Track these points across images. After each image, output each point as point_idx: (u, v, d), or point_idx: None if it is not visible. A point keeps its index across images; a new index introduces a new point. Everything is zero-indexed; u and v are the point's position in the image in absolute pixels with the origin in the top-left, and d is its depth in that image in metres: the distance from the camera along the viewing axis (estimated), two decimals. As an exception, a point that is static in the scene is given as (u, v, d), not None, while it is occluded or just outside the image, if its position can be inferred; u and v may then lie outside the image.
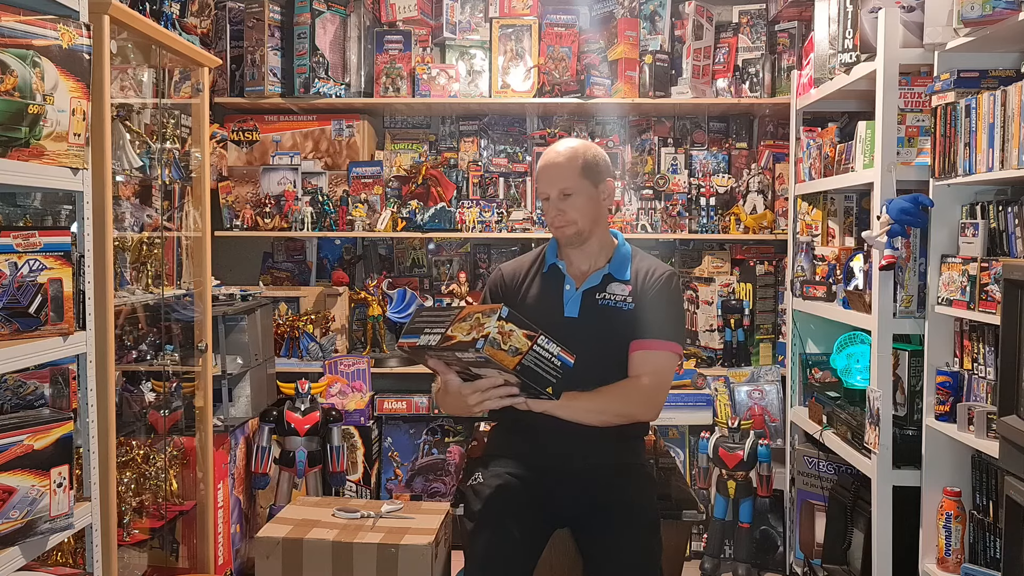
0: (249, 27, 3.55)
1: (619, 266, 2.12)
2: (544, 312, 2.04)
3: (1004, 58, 2.20)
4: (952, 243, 2.28)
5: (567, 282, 2.11)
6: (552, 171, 2.08)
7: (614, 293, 2.08)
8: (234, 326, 3.05)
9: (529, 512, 1.96)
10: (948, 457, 2.32)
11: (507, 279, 2.20)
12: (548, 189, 2.08)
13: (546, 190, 2.08)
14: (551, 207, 2.08)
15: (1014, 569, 1.81)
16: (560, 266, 2.14)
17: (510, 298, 2.14)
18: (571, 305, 2.08)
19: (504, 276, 2.22)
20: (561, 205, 2.06)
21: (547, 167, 2.10)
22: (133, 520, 2.51)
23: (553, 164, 2.09)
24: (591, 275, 2.11)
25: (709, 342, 3.66)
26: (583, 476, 2.01)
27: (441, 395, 2.00)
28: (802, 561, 3.05)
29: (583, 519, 1.98)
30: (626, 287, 2.08)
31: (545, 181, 2.09)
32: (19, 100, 1.68)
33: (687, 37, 3.58)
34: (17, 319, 1.72)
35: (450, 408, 1.99)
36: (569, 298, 2.09)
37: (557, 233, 2.10)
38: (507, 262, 2.28)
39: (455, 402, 1.90)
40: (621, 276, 2.10)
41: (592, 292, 2.09)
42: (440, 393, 2.02)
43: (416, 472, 3.62)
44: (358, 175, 3.69)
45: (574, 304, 2.08)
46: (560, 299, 2.09)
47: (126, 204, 2.54)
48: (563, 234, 2.09)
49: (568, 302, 2.08)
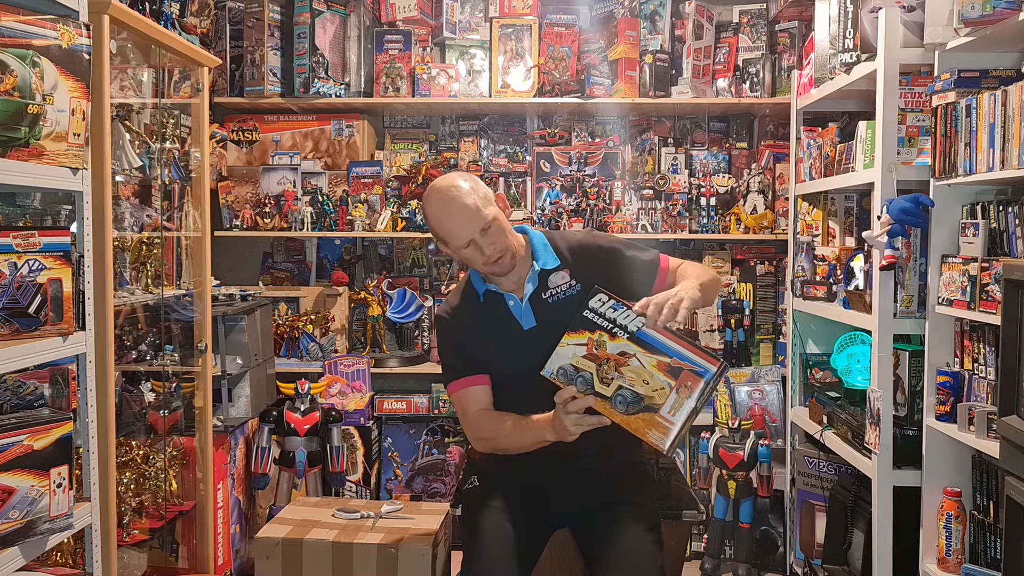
0: (249, 27, 3.55)
1: (544, 256, 2.02)
2: (504, 335, 1.99)
3: (1004, 58, 2.20)
4: (952, 243, 2.28)
5: (508, 299, 2.02)
6: (462, 214, 1.90)
7: (557, 285, 2.00)
8: (234, 326, 3.05)
9: (529, 512, 1.96)
10: (948, 457, 2.32)
11: (460, 322, 2.07)
12: (466, 234, 1.91)
13: (464, 235, 1.91)
14: (479, 248, 1.92)
15: (1015, 569, 1.81)
16: (494, 289, 2.03)
17: (470, 339, 2.03)
18: (526, 318, 2.00)
19: (455, 321, 2.08)
20: (485, 240, 1.91)
21: (451, 220, 1.92)
22: (133, 520, 2.51)
23: (459, 207, 1.91)
24: (526, 281, 2.01)
25: (709, 342, 3.66)
26: (583, 476, 2.01)
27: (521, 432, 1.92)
28: (802, 561, 3.05)
29: (583, 519, 1.98)
30: (563, 272, 2.01)
31: (459, 226, 1.91)
32: (19, 100, 1.68)
33: (687, 37, 3.58)
34: (17, 319, 1.72)
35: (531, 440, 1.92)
36: (520, 312, 2.00)
37: (496, 268, 1.96)
38: (442, 311, 2.13)
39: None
40: (551, 264, 2.02)
41: (537, 296, 2.00)
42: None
43: (416, 472, 3.61)
44: (358, 175, 3.69)
45: (528, 316, 2.00)
46: (512, 318, 2.01)
47: (126, 204, 2.54)
48: (502, 265, 1.95)
49: (521, 316, 2.00)
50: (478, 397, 2.00)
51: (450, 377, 2.05)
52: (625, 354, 1.69)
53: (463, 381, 2.02)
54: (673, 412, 1.64)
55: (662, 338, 1.69)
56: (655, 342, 1.69)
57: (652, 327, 1.70)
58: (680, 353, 1.66)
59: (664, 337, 1.69)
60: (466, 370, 2.02)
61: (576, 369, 1.73)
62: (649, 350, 1.68)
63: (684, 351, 1.67)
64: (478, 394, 2.01)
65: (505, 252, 1.94)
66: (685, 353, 1.66)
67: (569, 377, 1.73)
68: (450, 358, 2.08)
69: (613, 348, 1.70)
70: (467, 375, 2.01)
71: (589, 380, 1.71)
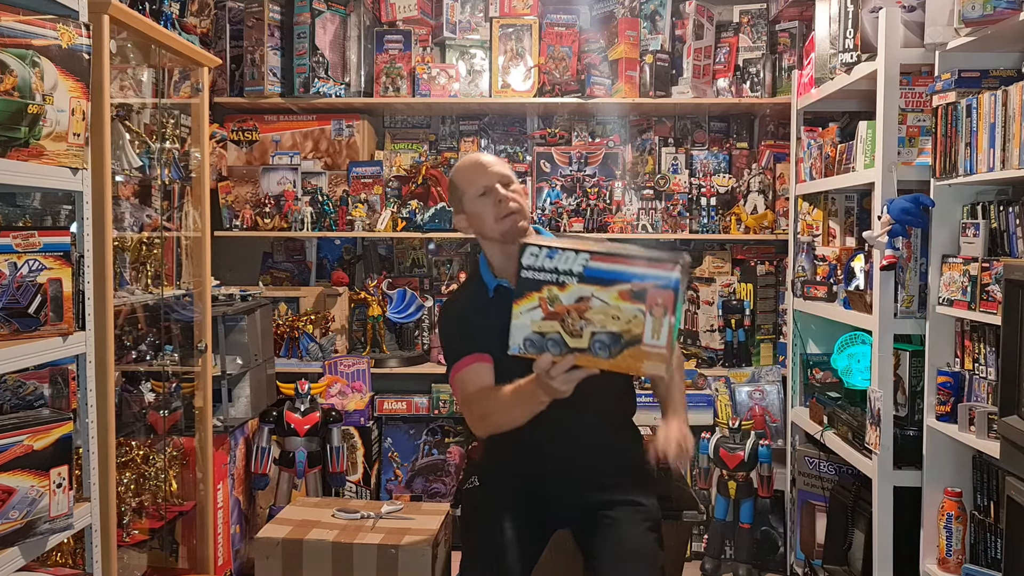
0: (249, 27, 3.55)
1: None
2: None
3: (1005, 58, 2.20)
4: (953, 243, 2.28)
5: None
6: (485, 164, 1.97)
7: None
8: (234, 326, 3.05)
9: (529, 513, 1.96)
10: (949, 457, 2.32)
11: (466, 309, 2.04)
12: (487, 180, 1.94)
13: (484, 179, 1.94)
14: (495, 197, 1.93)
15: (1015, 570, 1.81)
16: (505, 284, 2.00)
17: (475, 323, 1.98)
18: None
19: (460, 306, 2.06)
20: (506, 192, 1.94)
21: (476, 163, 1.98)
22: (133, 520, 2.51)
23: (483, 160, 1.99)
24: None
25: (710, 342, 3.66)
26: (583, 476, 2.00)
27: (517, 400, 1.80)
28: (803, 562, 3.05)
29: (583, 519, 1.97)
30: None
31: (480, 175, 1.96)
32: (19, 100, 1.68)
33: (688, 37, 3.58)
34: (16, 319, 1.72)
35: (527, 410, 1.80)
36: None
37: (507, 225, 1.93)
38: (448, 300, 2.09)
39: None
40: None
41: None
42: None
43: (416, 473, 3.61)
44: (358, 175, 3.69)
45: None
46: None
47: (126, 204, 2.54)
48: (512, 223, 1.93)
49: None
50: (480, 373, 1.93)
51: (452, 359, 1.99)
52: (583, 299, 1.54)
53: (465, 360, 1.95)
54: (656, 336, 1.51)
55: (612, 266, 1.53)
56: (607, 273, 1.53)
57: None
58: (637, 274, 1.51)
59: (613, 263, 1.53)
60: (469, 349, 1.95)
61: (542, 335, 1.57)
62: (605, 284, 1.52)
63: (639, 269, 1.51)
64: (479, 370, 1.94)
65: (519, 211, 1.94)
66: (642, 271, 1.51)
67: (538, 346, 1.57)
68: (453, 341, 2.03)
69: (568, 298, 1.54)
70: (470, 354, 1.95)
71: (560, 340, 1.56)
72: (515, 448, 2.06)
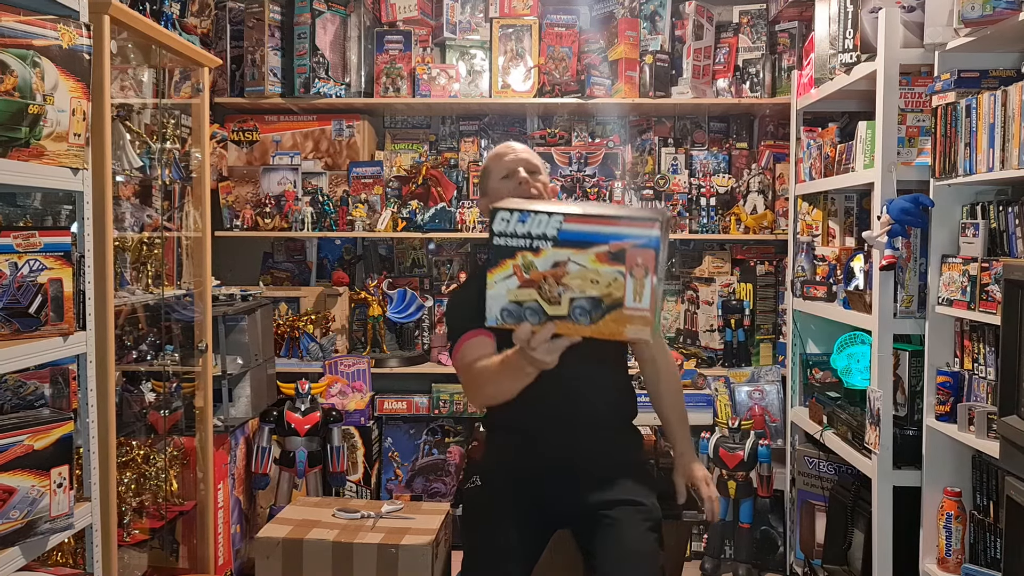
0: (249, 27, 3.55)
1: None
2: None
3: (1004, 58, 2.20)
4: (952, 243, 2.28)
5: None
6: (514, 149, 2.06)
7: None
8: (234, 326, 3.05)
9: (528, 513, 1.96)
10: (948, 457, 2.32)
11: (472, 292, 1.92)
12: (512, 164, 2.02)
13: (513, 162, 2.02)
14: (516, 180, 2.00)
15: (1015, 569, 1.81)
16: None
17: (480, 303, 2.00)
18: None
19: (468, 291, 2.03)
20: (530, 179, 2.01)
21: (507, 147, 2.07)
22: (133, 520, 2.51)
23: (514, 145, 2.09)
24: None
25: (709, 342, 3.66)
26: (583, 476, 2.01)
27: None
28: (802, 561, 3.05)
29: (583, 519, 1.97)
30: None
31: (507, 158, 2.04)
32: (19, 100, 1.68)
33: (687, 37, 3.59)
34: (17, 319, 1.72)
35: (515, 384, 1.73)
36: None
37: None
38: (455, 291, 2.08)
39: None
40: None
41: None
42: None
43: (416, 472, 3.62)
44: (358, 175, 3.69)
45: None
46: None
47: (126, 204, 2.54)
48: None
49: None
50: (479, 345, 1.89)
51: (455, 337, 1.96)
52: (559, 263, 1.45)
53: (467, 335, 1.92)
54: (638, 299, 1.43)
55: (588, 227, 1.45)
56: (583, 235, 1.45)
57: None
58: (614, 234, 1.43)
59: (589, 224, 1.45)
60: (472, 325, 1.90)
61: (519, 304, 1.48)
62: (581, 246, 1.44)
63: (617, 229, 1.43)
64: (480, 343, 1.89)
65: (539, 199, 1.98)
66: (619, 230, 1.43)
67: (516, 316, 1.48)
68: (456, 322, 2.00)
69: (543, 264, 1.46)
70: (472, 329, 1.91)
71: (538, 309, 1.47)
72: (516, 448, 2.06)
